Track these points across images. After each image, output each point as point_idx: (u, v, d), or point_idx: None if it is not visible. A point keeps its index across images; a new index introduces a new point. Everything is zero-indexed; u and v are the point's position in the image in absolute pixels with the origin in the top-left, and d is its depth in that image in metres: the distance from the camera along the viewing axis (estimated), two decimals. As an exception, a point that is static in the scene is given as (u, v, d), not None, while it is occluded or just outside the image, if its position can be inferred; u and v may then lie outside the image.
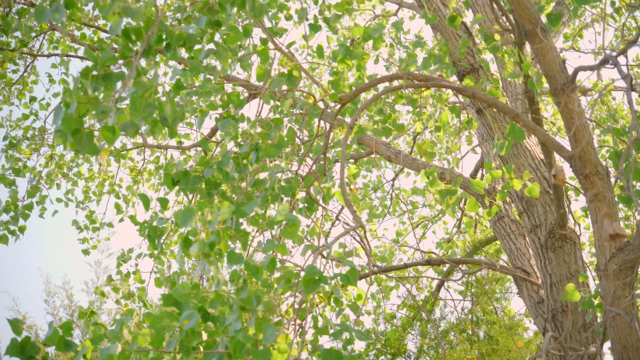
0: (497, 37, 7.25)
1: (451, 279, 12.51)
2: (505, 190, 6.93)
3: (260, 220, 5.31)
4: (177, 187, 5.55)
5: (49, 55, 10.99)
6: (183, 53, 9.06)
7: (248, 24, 5.02)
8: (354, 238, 8.14)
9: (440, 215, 13.36)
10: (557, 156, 6.97)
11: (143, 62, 3.83)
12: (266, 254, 4.50)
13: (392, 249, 13.07)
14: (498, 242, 11.83)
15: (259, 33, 9.93)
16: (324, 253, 6.34)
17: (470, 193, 9.22)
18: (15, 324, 3.82)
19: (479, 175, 12.03)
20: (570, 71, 5.77)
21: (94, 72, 3.60)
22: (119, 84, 3.71)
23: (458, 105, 8.82)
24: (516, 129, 6.31)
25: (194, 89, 5.56)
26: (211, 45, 4.69)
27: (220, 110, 6.27)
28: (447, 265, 11.58)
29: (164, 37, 4.04)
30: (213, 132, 10.87)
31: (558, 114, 11.85)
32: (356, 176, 7.12)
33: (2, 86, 10.96)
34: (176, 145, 10.96)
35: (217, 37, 4.65)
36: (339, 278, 4.43)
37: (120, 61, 3.71)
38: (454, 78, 8.82)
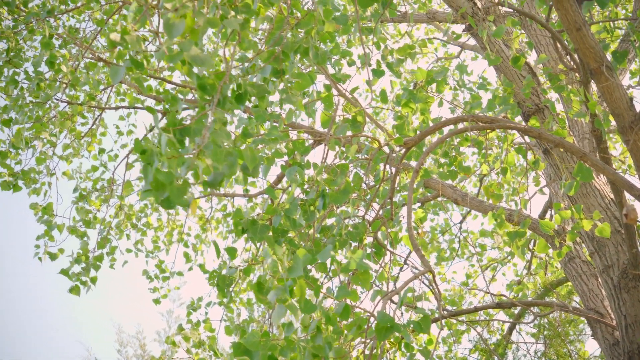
0: (562, 76, 7.20)
1: (523, 321, 12.34)
2: (575, 231, 6.85)
3: (333, 267, 5.31)
4: (245, 235, 5.57)
5: (116, 108, 11.17)
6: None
7: (311, 71, 5.05)
8: (423, 282, 8.09)
9: (509, 257, 13.22)
10: (627, 195, 6.87)
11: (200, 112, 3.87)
12: (338, 301, 4.49)
13: (461, 292, 12.96)
14: (570, 283, 11.66)
15: (322, 80, 10.01)
16: (394, 298, 6.30)
17: (540, 234, 9.12)
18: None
19: (547, 216, 11.90)
20: (638, 108, 5.71)
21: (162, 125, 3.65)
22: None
23: (524, 146, 8.75)
24: (584, 168, 6.25)
25: (260, 137, 5.60)
26: (274, 95, 4.72)
27: (285, 158, 6.30)
28: (519, 308, 11.44)
29: (234, 87, 4.09)
30: (279, 179, 10.92)
31: (627, 152, 11.72)
32: (423, 220, 7.09)
33: (72, 139, 11.14)
34: (243, 193, 11.03)
35: (281, 85, 4.69)
36: (411, 325, 4.40)
37: (188, 112, 3.76)
38: (519, 119, 8.77)
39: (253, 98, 4.41)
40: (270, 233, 5.42)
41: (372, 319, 4.70)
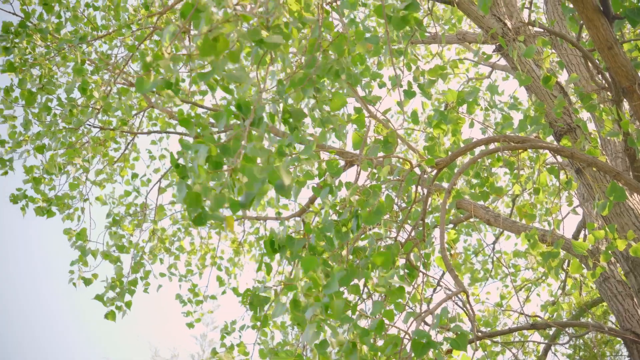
0: (593, 95, 7.18)
1: (558, 342, 12.25)
2: (609, 251, 6.80)
3: (366, 289, 5.31)
4: (277, 258, 5.58)
5: (148, 133, 11.24)
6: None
7: (339, 93, 5.07)
8: (457, 303, 8.06)
9: (543, 278, 13.14)
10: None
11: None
12: (373, 317, 4.48)
13: (495, 314, 12.89)
14: (605, 303, 11.57)
15: (352, 102, 10.02)
16: (427, 320, 6.28)
17: (573, 255, 9.06)
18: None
19: (581, 236, 11.83)
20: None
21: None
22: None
23: (556, 165, 8.72)
24: (617, 187, 6.21)
25: (294, 155, 5.61)
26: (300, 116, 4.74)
27: (317, 180, 6.31)
28: (554, 329, 11.36)
29: (268, 109, 4.12)
30: (311, 202, 10.93)
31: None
32: (456, 241, 7.08)
33: (104, 164, 11.22)
34: (275, 216, 11.05)
35: (311, 104, 4.71)
36: (447, 342, 4.39)
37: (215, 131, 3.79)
38: (551, 138, 8.74)
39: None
40: (303, 254, 5.42)
41: (407, 338, 4.69)
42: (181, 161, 3.74)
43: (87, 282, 10.24)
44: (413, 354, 4.19)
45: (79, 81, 8.93)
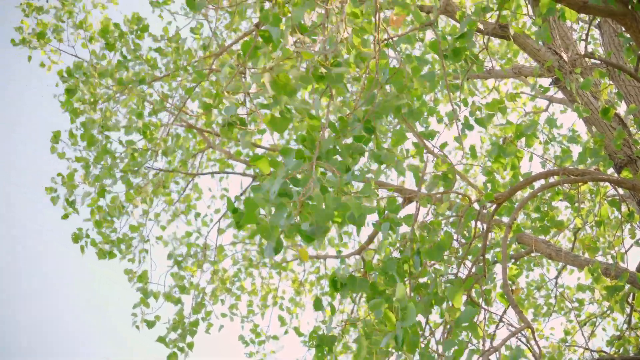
0: (653, 126, 7.11)
1: (625, 377, 12.04)
2: (676, 282, 6.70)
3: (428, 326, 5.28)
4: (339, 297, 5.57)
5: (208, 174, 11.32)
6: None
7: (401, 129, 5.09)
8: (520, 340, 7.97)
9: (608, 312, 12.95)
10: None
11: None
12: (446, 352, 4.46)
13: (560, 349, 12.71)
14: (672, 337, 11.36)
15: (410, 137, 10.03)
16: (491, 357, 6.22)
17: (638, 288, 8.93)
18: None
19: (645, 268, 11.65)
20: None
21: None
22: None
23: (617, 198, 8.63)
24: (682, 218, 6.13)
25: (353, 194, 5.62)
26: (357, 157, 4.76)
27: (376, 217, 6.30)
28: (620, 364, 11.17)
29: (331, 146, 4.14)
30: (370, 239, 10.91)
31: None
32: (518, 276, 7.01)
33: (165, 206, 11.31)
34: (335, 254, 11.04)
35: (370, 145, 4.73)
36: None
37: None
38: (611, 171, 8.65)
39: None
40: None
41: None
42: (238, 204, 3.78)
43: (150, 324, 10.30)
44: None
45: (139, 124, 9.05)
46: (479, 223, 6.72)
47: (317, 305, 5.31)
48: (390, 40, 4.94)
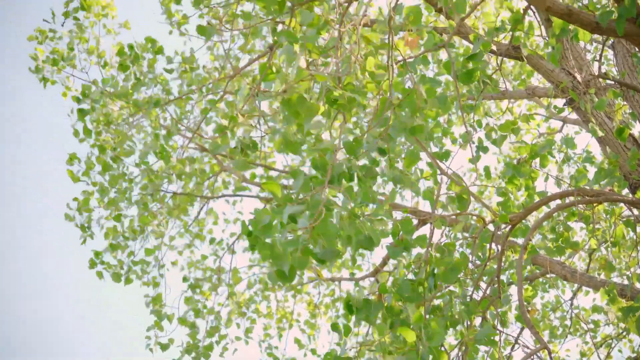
0: (669, 146, 7.10)
1: (641, 399, 11.97)
2: (693, 304, 6.66)
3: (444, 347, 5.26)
4: (354, 320, 5.55)
5: (224, 196, 11.32)
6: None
7: (415, 148, 5.09)
8: (536, 361, 7.93)
9: (624, 333, 12.88)
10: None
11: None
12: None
13: (576, 371, 12.65)
14: (689, 358, 11.29)
15: (423, 158, 10.02)
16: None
17: (655, 308, 8.88)
18: None
19: (662, 289, 11.59)
20: None
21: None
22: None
23: (632, 218, 8.60)
24: (698, 238, 6.11)
25: (366, 217, 5.61)
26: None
27: (390, 239, 6.29)
28: (637, 385, 11.12)
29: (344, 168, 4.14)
30: (384, 262, 10.89)
31: None
32: (533, 297, 6.99)
33: (179, 229, 11.32)
34: (349, 277, 11.03)
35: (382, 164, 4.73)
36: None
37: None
38: (626, 191, 8.63)
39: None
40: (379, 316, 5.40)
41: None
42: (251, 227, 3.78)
43: (164, 347, 10.30)
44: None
45: (157, 147, 9.07)
46: (493, 244, 6.70)
47: (335, 327, 5.30)
48: (405, 61, 4.95)
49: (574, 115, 11.77)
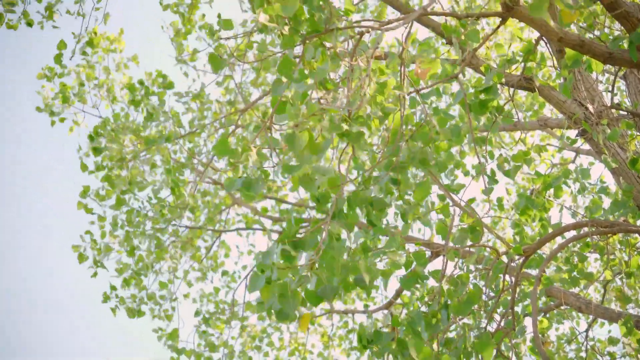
0: (682, 176, 7.07)
1: None
2: None
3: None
4: (368, 351, 5.53)
5: (235, 230, 11.33)
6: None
7: (427, 181, 5.08)
8: (552, 394, 7.87)
9: (641, 365, 12.77)
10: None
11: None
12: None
13: (592, 404, 12.54)
14: None
15: (435, 190, 10.00)
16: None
17: (671, 340, 8.81)
18: None
19: (678, 320, 11.51)
20: None
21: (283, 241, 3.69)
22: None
23: (647, 249, 8.55)
24: None
25: (379, 250, 5.60)
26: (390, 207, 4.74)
27: (403, 271, 6.26)
28: (654, 418, 11.01)
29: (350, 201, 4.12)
30: (397, 294, 10.85)
31: None
32: (548, 329, 6.95)
33: (192, 263, 11.32)
34: (363, 309, 10.99)
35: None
36: None
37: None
38: (640, 222, 8.59)
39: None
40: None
41: None
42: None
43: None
44: None
45: (170, 183, 9.10)
46: (507, 276, 6.67)
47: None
48: (417, 91, 4.95)
49: (586, 146, 11.75)
